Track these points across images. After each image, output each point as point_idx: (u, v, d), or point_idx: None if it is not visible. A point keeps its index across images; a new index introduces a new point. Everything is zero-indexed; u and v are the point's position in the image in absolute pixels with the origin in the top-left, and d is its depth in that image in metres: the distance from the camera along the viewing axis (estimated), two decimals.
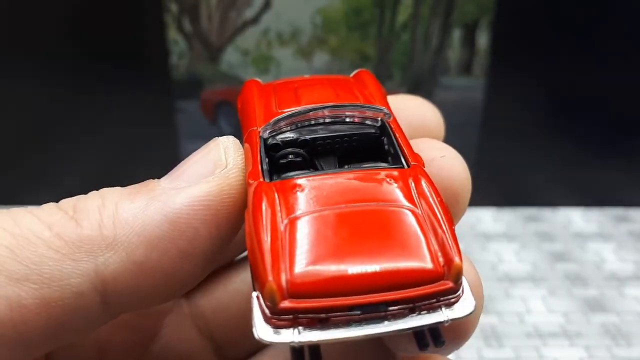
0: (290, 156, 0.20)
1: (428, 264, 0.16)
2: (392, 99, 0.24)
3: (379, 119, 0.21)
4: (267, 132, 0.20)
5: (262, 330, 0.16)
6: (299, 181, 0.18)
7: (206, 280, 0.26)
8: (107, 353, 0.24)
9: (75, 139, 0.64)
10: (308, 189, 0.18)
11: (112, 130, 0.63)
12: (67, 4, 0.58)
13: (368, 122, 0.21)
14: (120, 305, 0.19)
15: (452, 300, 0.17)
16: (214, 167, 0.20)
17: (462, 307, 0.17)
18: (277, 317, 0.16)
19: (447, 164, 0.21)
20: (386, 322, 0.16)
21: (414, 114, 0.23)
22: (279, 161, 0.20)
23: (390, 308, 0.16)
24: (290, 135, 0.21)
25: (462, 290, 0.17)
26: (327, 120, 0.21)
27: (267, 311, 0.16)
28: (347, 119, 0.21)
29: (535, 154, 0.65)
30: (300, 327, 0.16)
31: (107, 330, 0.22)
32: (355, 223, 0.17)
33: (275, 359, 0.25)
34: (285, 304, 0.16)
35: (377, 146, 0.21)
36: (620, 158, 0.65)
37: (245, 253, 0.25)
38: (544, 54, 0.61)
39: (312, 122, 0.21)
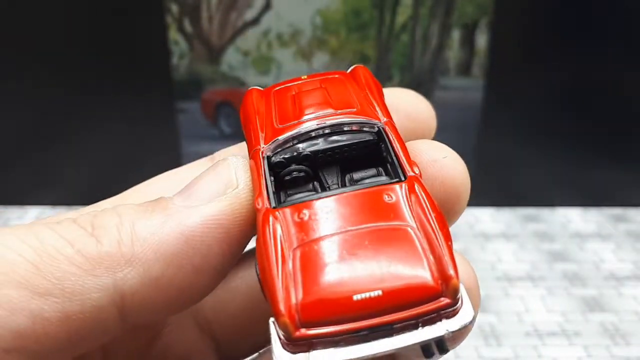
0: (294, 173, 0.22)
1: (426, 283, 0.18)
2: (386, 92, 0.24)
3: (376, 125, 0.22)
4: (270, 151, 0.22)
5: (281, 355, 0.18)
6: (303, 208, 0.20)
7: None
8: (110, 350, 0.24)
9: (75, 139, 0.64)
10: (310, 216, 0.20)
11: (112, 130, 0.64)
12: (69, 4, 0.58)
13: (366, 128, 0.22)
14: (135, 317, 0.20)
15: (451, 313, 0.18)
16: (225, 187, 0.21)
17: (461, 318, 0.18)
18: (293, 343, 0.18)
19: (449, 164, 0.22)
20: (393, 338, 0.18)
21: (407, 107, 0.24)
22: (284, 178, 0.22)
23: (395, 326, 0.18)
24: (292, 152, 0.22)
25: (461, 302, 0.18)
26: (327, 131, 0.22)
27: (283, 338, 0.18)
28: (346, 128, 0.22)
29: (534, 154, 0.65)
30: (314, 350, 0.18)
31: None
32: (356, 246, 0.19)
33: None
34: (299, 333, 0.17)
35: (376, 152, 0.22)
36: (618, 158, 0.66)
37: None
38: (542, 55, 0.61)
39: (313, 134, 0.22)
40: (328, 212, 0.20)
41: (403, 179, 0.20)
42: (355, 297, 0.17)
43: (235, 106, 0.63)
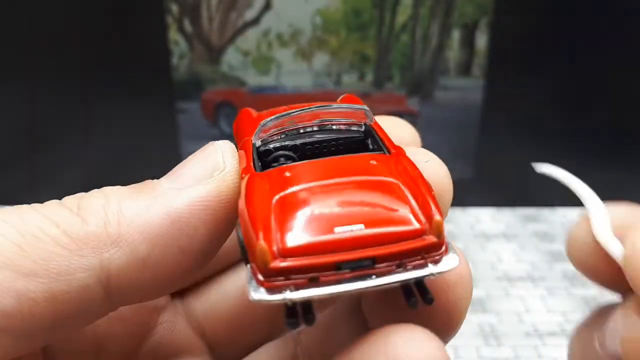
0: (281, 159, 0.22)
1: (410, 222, 0.18)
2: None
3: (363, 123, 0.22)
4: (259, 139, 0.22)
5: (257, 293, 0.17)
6: (287, 167, 0.20)
7: (198, 284, 0.27)
8: (103, 346, 0.24)
9: (75, 139, 0.64)
10: (295, 171, 0.20)
11: (112, 130, 0.64)
12: (68, 4, 0.58)
13: (354, 127, 0.22)
14: (122, 298, 0.20)
15: (437, 257, 0.18)
16: (212, 170, 0.21)
17: (447, 263, 0.18)
18: (270, 279, 0.17)
19: (430, 169, 0.22)
20: (374, 278, 0.17)
21: (392, 131, 0.25)
22: (271, 164, 0.22)
23: (378, 265, 0.17)
24: (280, 142, 0.22)
25: (447, 249, 0.18)
26: (315, 129, 0.22)
27: (260, 276, 0.17)
28: (334, 127, 0.22)
29: (534, 154, 0.65)
30: (292, 287, 0.17)
31: (104, 323, 0.23)
32: (339, 193, 0.18)
33: (271, 357, 0.26)
34: (276, 263, 0.17)
35: (362, 148, 0.22)
36: (619, 158, 0.66)
37: (234, 261, 0.27)
38: (543, 55, 0.61)
39: (301, 131, 0.22)
40: (312, 169, 0.19)
41: (388, 153, 0.21)
42: (336, 230, 0.17)
43: (236, 106, 0.63)
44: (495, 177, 0.66)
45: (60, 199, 0.21)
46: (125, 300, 0.20)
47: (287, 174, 0.19)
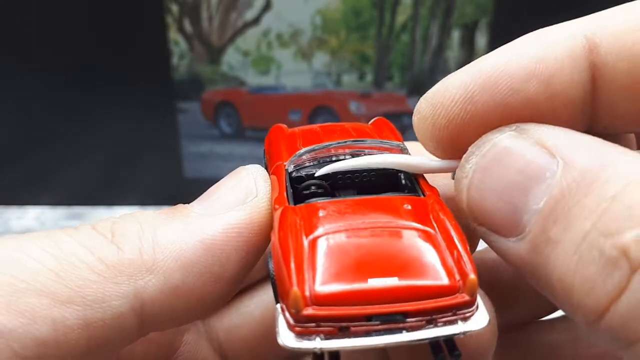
0: (312, 187, 0.22)
1: (444, 278, 0.17)
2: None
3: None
4: (292, 165, 0.22)
5: (286, 338, 0.17)
6: (322, 204, 0.20)
7: None
8: None
9: (76, 139, 0.64)
10: (330, 211, 0.19)
11: (113, 130, 0.64)
12: (68, 4, 0.58)
13: None
14: (154, 324, 0.20)
15: (468, 314, 0.17)
16: (244, 196, 0.21)
17: (477, 321, 0.17)
18: (301, 325, 0.17)
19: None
20: (404, 333, 0.17)
21: None
22: (302, 192, 0.22)
23: (408, 320, 0.17)
24: (313, 169, 0.22)
25: (477, 307, 0.18)
26: (347, 157, 0.22)
27: (290, 320, 0.17)
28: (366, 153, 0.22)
29: None
30: (322, 335, 0.17)
31: (129, 344, 0.23)
32: (374, 241, 0.18)
33: None
34: (309, 311, 0.17)
35: (394, 181, 0.22)
36: None
37: (257, 279, 0.27)
38: None
39: (334, 158, 0.22)
40: (346, 209, 0.19)
41: (422, 195, 0.21)
42: (370, 281, 0.17)
43: (236, 106, 0.63)
44: None
45: (60, 199, 0.21)
46: (157, 327, 0.20)
47: (322, 212, 0.19)
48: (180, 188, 0.65)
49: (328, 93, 0.63)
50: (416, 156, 0.22)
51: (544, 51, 0.19)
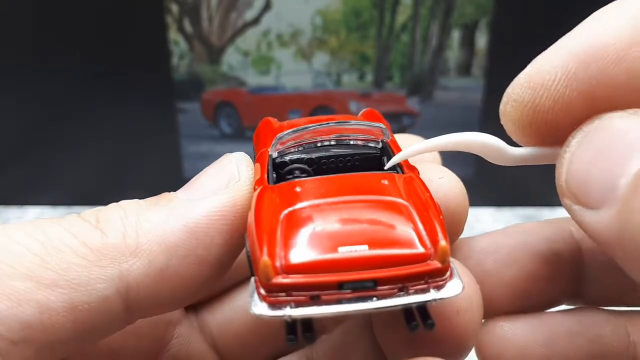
0: (296, 172, 0.22)
1: (415, 246, 0.17)
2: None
3: (380, 140, 0.22)
4: (275, 150, 0.22)
5: (258, 307, 0.17)
6: (299, 182, 0.20)
7: (212, 298, 0.27)
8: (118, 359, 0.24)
9: (75, 140, 0.64)
10: (306, 186, 0.20)
11: (112, 130, 0.64)
12: (69, 4, 0.58)
13: (371, 144, 0.22)
14: (140, 309, 0.20)
15: (440, 282, 0.17)
16: (227, 181, 0.21)
17: (450, 289, 0.17)
18: (273, 295, 0.17)
19: (445, 185, 0.22)
20: (375, 300, 0.17)
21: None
22: (286, 177, 0.22)
23: (379, 287, 0.17)
24: (297, 155, 0.22)
25: (451, 275, 0.18)
26: (332, 143, 0.22)
27: (262, 290, 0.17)
28: (351, 142, 0.22)
29: None
30: (293, 304, 0.17)
31: (120, 337, 0.23)
32: (347, 212, 0.18)
33: None
34: (279, 279, 0.17)
35: (378, 165, 0.22)
36: None
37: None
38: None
39: (319, 145, 0.22)
40: (323, 185, 0.19)
41: (402, 173, 0.21)
42: (340, 249, 0.17)
43: (236, 106, 0.63)
44: (495, 177, 0.66)
45: (60, 199, 0.21)
46: (143, 313, 0.20)
47: (298, 189, 0.19)
48: (180, 188, 0.64)
49: (328, 93, 0.63)
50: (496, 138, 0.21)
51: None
